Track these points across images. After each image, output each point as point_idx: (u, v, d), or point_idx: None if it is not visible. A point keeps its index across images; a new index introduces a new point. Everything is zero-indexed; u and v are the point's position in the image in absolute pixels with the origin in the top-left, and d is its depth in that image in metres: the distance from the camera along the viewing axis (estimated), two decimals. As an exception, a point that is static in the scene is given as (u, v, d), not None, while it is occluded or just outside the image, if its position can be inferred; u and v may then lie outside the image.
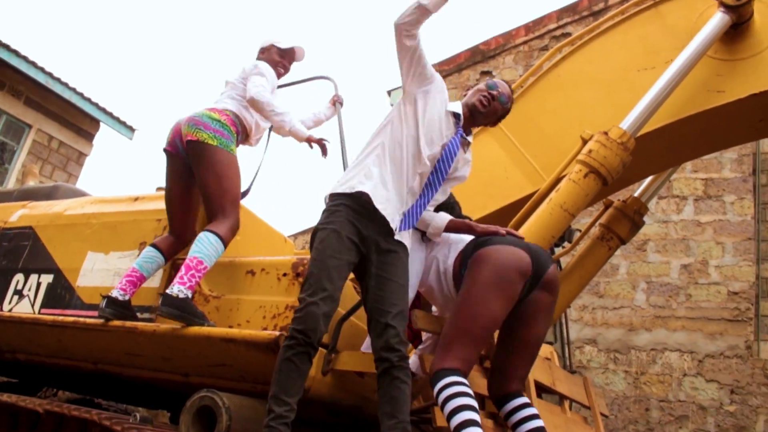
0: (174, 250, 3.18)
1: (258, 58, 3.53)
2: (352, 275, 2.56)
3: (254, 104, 3.23)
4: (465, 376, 2.34)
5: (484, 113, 2.76)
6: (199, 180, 3.14)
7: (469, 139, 2.79)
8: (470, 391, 2.30)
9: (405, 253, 2.55)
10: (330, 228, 2.46)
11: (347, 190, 2.52)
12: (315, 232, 2.52)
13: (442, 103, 2.70)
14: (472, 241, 2.64)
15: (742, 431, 6.74)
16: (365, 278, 2.50)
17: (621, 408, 7.26)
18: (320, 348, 2.49)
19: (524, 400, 2.55)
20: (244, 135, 3.39)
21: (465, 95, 2.85)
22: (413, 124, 2.61)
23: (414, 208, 2.60)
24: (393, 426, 2.27)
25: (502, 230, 2.66)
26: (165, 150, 3.28)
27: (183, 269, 2.85)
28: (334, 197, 2.55)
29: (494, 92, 2.76)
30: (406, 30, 2.52)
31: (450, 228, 2.73)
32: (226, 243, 2.98)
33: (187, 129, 3.15)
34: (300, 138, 3.28)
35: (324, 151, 3.33)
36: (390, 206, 2.51)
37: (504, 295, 2.43)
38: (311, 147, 3.31)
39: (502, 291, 2.42)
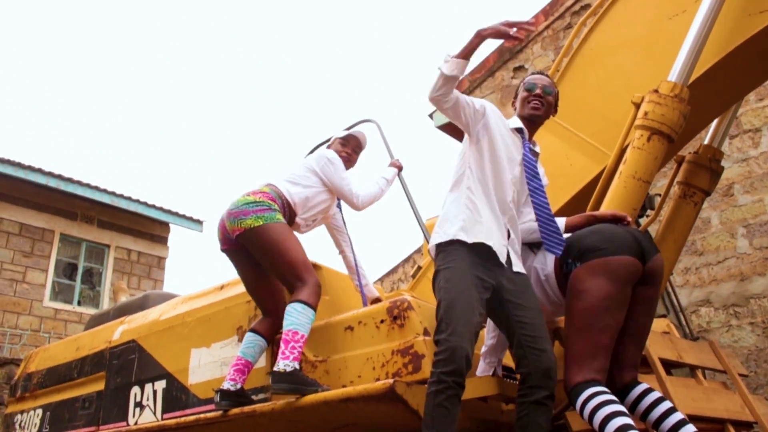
0: (273, 329, 3.20)
1: None
2: None
3: (366, 207, 3.51)
4: (602, 384, 2.30)
5: (543, 115, 2.83)
6: (265, 264, 3.18)
7: (537, 149, 2.83)
8: (615, 398, 2.25)
9: (527, 279, 2.60)
10: (452, 266, 2.47)
11: (446, 238, 2.54)
12: (437, 273, 2.53)
13: (502, 123, 2.74)
14: (572, 243, 2.58)
15: None
16: (503, 307, 2.50)
17: (759, 362, 6.86)
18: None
19: (645, 386, 2.49)
20: (289, 212, 3.38)
21: (514, 108, 2.89)
22: (488, 156, 2.63)
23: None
24: None
25: (620, 214, 2.67)
26: (223, 251, 3.35)
27: (282, 345, 2.88)
28: (440, 246, 2.57)
29: (537, 90, 2.79)
30: (441, 99, 2.55)
31: (570, 226, 2.73)
32: (314, 307, 2.98)
33: (231, 225, 3.20)
34: (393, 178, 3.68)
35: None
36: (494, 241, 2.52)
37: (624, 303, 2.45)
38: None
39: (623, 301, 2.44)
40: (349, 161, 3.70)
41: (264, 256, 3.16)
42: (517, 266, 2.59)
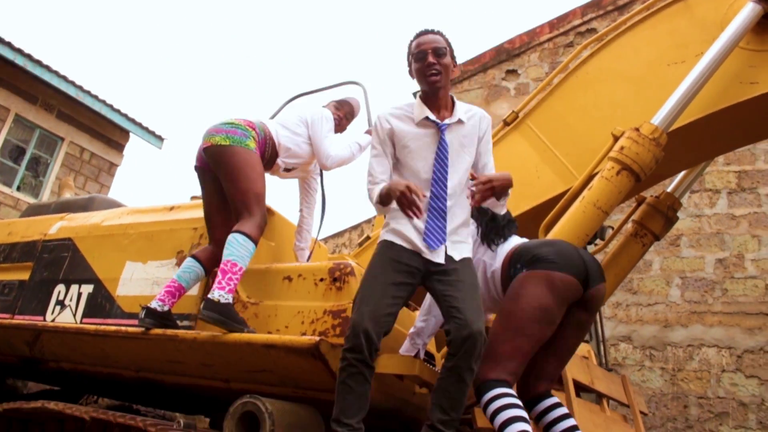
0: (215, 261, 3.20)
1: None
2: None
3: (334, 168, 3.49)
4: (511, 387, 2.37)
5: (445, 82, 2.56)
6: (222, 183, 3.17)
7: (455, 119, 2.57)
8: (520, 403, 2.32)
9: (465, 262, 2.50)
10: (379, 253, 2.51)
11: (381, 238, 2.56)
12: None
13: (410, 127, 2.57)
14: (525, 250, 2.64)
15: (785, 427, 6.62)
16: (434, 288, 2.46)
17: (659, 405, 7.18)
18: None
19: (554, 400, 2.57)
20: (271, 152, 3.38)
21: (413, 78, 2.65)
22: (411, 170, 2.55)
23: (431, 223, 2.48)
24: (445, 422, 2.27)
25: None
26: (195, 167, 3.34)
27: (219, 274, 2.88)
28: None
29: (429, 59, 2.52)
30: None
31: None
32: (255, 240, 2.99)
33: (204, 139, 3.22)
34: (366, 146, 3.61)
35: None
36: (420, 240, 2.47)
37: (555, 320, 2.50)
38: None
39: (555, 317, 2.49)
40: (339, 125, 3.72)
41: (223, 177, 3.15)
42: (458, 253, 2.50)
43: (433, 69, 2.54)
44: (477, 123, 2.64)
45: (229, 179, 3.11)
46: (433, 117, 2.55)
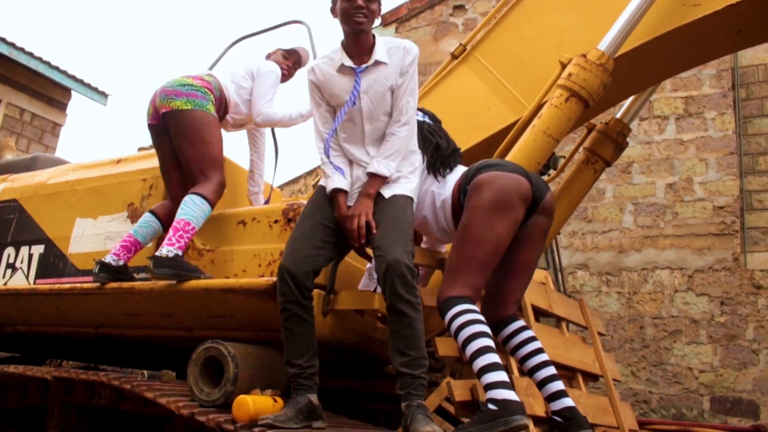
0: (173, 216, 3.14)
1: None
2: None
3: (262, 126, 3.45)
4: (474, 303, 2.32)
5: (368, 26, 2.54)
6: (176, 147, 3.11)
7: (371, 61, 2.56)
8: (482, 318, 2.28)
9: (390, 201, 2.50)
10: (312, 198, 2.59)
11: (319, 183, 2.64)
12: None
13: (331, 76, 2.59)
14: (469, 169, 2.62)
15: (733, 340, 6.95)
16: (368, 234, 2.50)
17: (616, 328, 7.45)
18: (318, 290, 2.54)
19: (521, 323, 2.56)
20: (223, 108, 3.33)
21: (336, 15, 2.60)
22: (332, 116, 2.62)
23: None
24: (407, 363, 2.23)
25: None
26: (149, 125, 3.22)
27: (171, 231, 2.85)
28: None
29: (359, 1, 2.48)
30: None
31: None
32: (212, 203, 2.98)
33: (161, 102, 3.12)
34: (309, 116, 3.44)
35: None
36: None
37: (506, 218, 2.39)
38: None
39: (504, 214, 2.38)
40: (288, 74, 3.67)
41: (180, 141, 3.08)
42: (388, 191, 2.51)
43: (361, 12, 2.50)
44: (401, 57, 2.59)
45: (187, 144, 3.05)
46: (349, 63, 2.57)
